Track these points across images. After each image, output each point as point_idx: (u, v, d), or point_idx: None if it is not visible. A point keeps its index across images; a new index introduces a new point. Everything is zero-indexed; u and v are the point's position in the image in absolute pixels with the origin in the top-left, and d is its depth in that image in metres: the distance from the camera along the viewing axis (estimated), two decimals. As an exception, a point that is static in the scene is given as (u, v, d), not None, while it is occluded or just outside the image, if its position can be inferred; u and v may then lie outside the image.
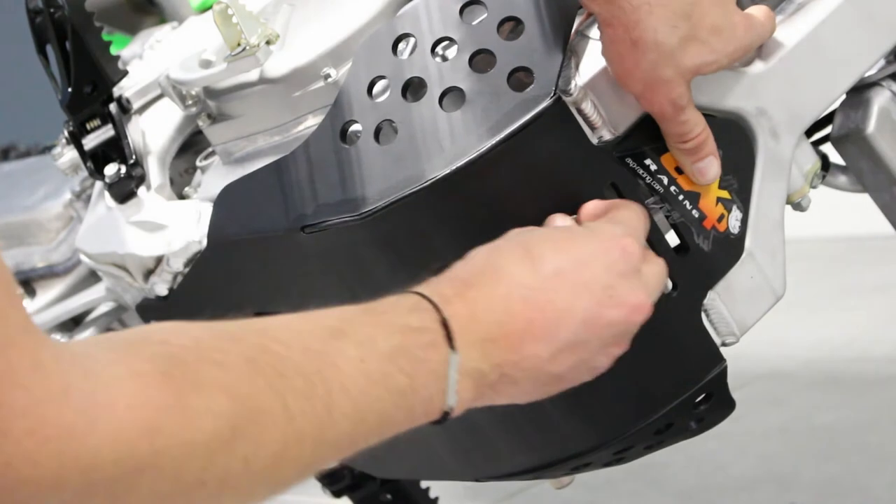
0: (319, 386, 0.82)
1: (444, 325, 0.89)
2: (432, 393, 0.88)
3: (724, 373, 1.11)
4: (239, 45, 1.15)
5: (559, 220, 1.02)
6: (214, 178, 1.27)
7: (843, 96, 1.21)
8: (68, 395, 0.71)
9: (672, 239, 1.09)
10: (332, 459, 0.84)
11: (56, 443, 0.70)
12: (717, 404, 1.13)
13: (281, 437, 0.79)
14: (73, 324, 1.56)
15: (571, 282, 0.94)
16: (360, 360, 0.84)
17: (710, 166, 1.07)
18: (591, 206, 1.03)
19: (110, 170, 1.32)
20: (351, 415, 0.83)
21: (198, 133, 1.34)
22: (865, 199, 1.26)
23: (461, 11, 1.07)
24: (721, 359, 1.11)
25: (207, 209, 1.22)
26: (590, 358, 0.96)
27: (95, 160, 1.33)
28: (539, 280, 0.94)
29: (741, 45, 1.05)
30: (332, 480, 1.78)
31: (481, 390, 0.92)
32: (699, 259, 1.09)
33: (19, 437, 0.69)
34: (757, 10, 1.08)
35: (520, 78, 1.04)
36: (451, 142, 1.03)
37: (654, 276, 1.01)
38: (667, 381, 1.10)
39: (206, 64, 1.24)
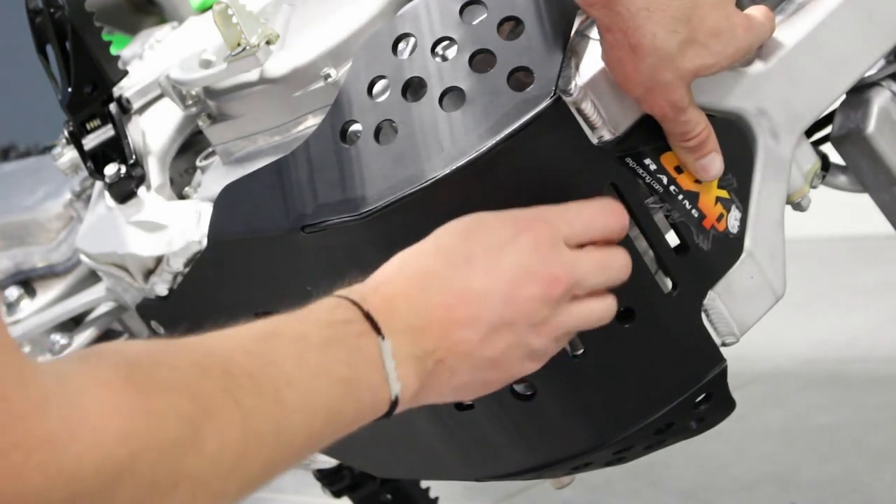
0: (266, 383, 0.84)
1: (368, 317, 0.91)
2: (375, 382, 0.90)
3: (724, 373, 1.11)
4: (239, 45, 1.15)
5: None
6: (214, 178, 1.27)
7: (843, 96, 1.21)
8: (48, 407, 0.72)
9: (672, 239, 1.09)
10: (294, 458, 0.86)
11: (40, 454, 0.71)
12: (718, 404, 1.13)
13: (241, 435, 0.81)
14: (74, 324, 1.56)
15: (483, 265, 0.96)
16: (299, 356, 0.87)
17: (713, 163, 1.08)
18: None
19: (110, 170, 1.32)
20: (302, 409, 0.85)
21: (198, 133, 1.34)
22: (865, 199, 1.26)
23: (461, 11, 1.07)
24: (721, 358, 1.11)
25: (207, 209, 1.22)
26: (521, 339, 0.97)
27: (95, 160, 1.33)
28: (452, 268, 0.96)
29: (741, 46, 1.05)
30: (332, 480, 1.78)
31: (422, 379, 0.93)
32: (699, 258, 1.09)
33: (6, 450, 0.70)
34: (756, 11, 1.08)
35: (520, 78, 1.04)
36: (450, 142, 1.03)
37: (586, 259, 1.01)
38: (667, 380, 1.10)
39: (206, 64, 1.24)
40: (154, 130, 1.35)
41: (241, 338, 0.87)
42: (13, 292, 1.58)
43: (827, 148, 1.23)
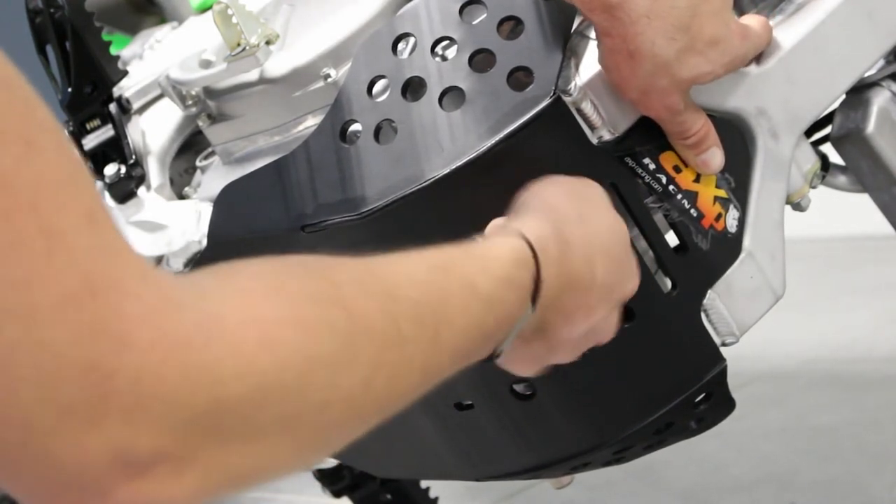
0: (428, 316, 0.80)
1: (538, 286, 0.90)
2: (500, 338, 0.88)
3: (723, 372, 1.11)
4: (239, 45, 1.15)
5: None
6: (214, 178, 1.27)
7: (843, 96, 1.21)
8: (180, 307, 0.66)
9: (671, 239, 1.09)
10: (418, 395, 0.81)
11: (179, 355, 0.65)
12: (717, 404, 1.13)
13: (396, 360, 0.77)
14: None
15: (605, 289, 0.97)
16: (464, 302, 0.84)
17: (713, 157, 1.08)
18: None
19: (110, 170, 1.32)
20: (451, 351, 0.83)
21: (198, 133, 1.34)
22: (865, 199, 1.26)
23: (461, 11, 1.07)
24: (721, 358, 1.11)
25: (207, 209, 1.22)
26: (592, 331, 0.97)
27: (95, 160, 1.33)
28: (599, 278, 0.96)
29: (737, 55, 1.05)
30: (332, 480, 1.77)
31: (519, 343, 0.92)
32: (698, 258, 1.09)
33: (144, 349, 0.64)
34: (753, 21, 1.09)
35: (519, 78, 1.04)
36: (450, 141, 1.03)
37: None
38: (667, 380, 1.10)
39: (206, 64, 1.24)
40: (154, 130, 1.36)
41: (410, 264, 0.83)
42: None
43: (827, 148, 1.23)
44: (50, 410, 0.62)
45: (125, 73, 1.34)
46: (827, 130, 1.23)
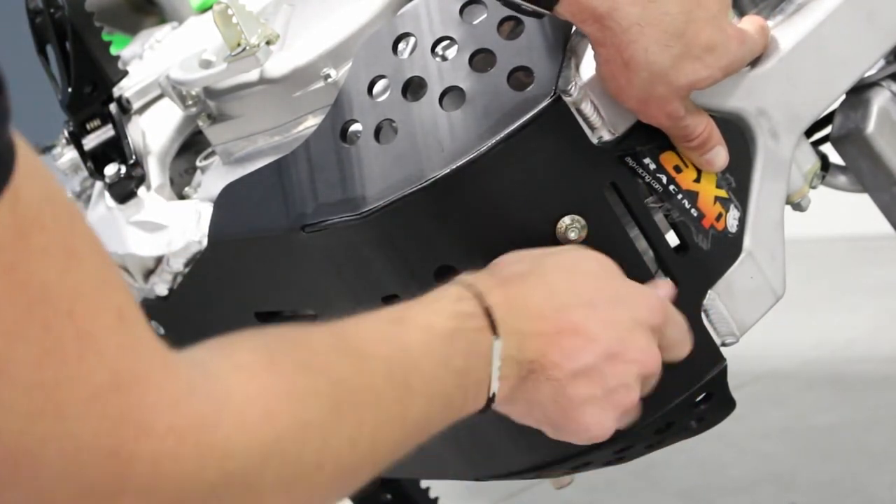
0: (396, 368, 0.85)
1: (488, 312, 0.92)
2: (482, 377, 0.92)
3: (724, 372, 1.11)
4: (239, 45, 1.15)
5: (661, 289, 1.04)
6: (214, 178, 1.27)
7: (843, 96, 1.21)
8: (195, 392, 0.73)
9: (672, 239, 1.09)
10: (411, 442, 0.87)
11: (193, 436, 0.71)
12: (718, 404, 1.13)
13: (373, 417, 0.82)
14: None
15: (603, 316, 0.96)
16: (426, 344, 0.88)
17: (717, 156, 1.08)
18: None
19: (110, 170, 1.32)
20: (425, 394, 0.87)
21: (198, 133, 1.34)
22: (865, 199, 1.26)
23: (461, 11, 1.07)
24: (721, 358, 1.11)
25: (207, 209, 1.22)
26: (602, 396, 0.96)
27: (95, 160, 1.33)
28: (575, 301, 0.96)
29: (735, 59, 1.05)
30: (333, 480, 1.77)
31: (514, 382, 0.94)
32: (699, 258, 1.09)
33: (162, 434, 0.70)
34: (750, 24, 1.09)
35: (519, 77, 1.04)
36: (450, 141, 1.03)
37: (675, 335, 1.03)
38: (667, 380, 1.10)
39: (206, 64, 1.24)
40: (154, 130, 1.35)
41: (373, 322, 0.88)
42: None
43: (827, 148, 1.23)
44: (71, 492, 0.69)
45: (125, 73, 1.34)
46: (827, 130, 1.23)
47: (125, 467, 0.69)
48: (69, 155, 1.44)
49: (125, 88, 1.36)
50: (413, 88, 1.07)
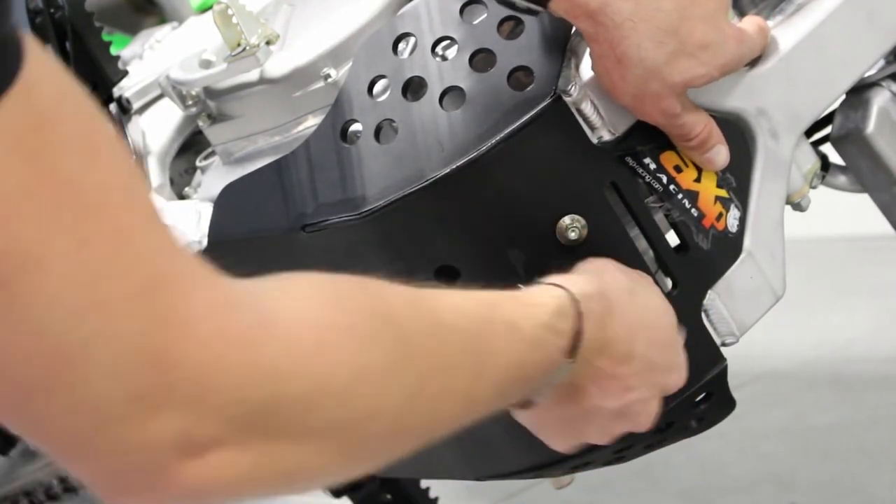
0: (473, 346, 0.83)
1: (577, 337, 0.91)
2: (538, 387, 0.91)
3: (724, 372, 1.11)
4: (239, 45, 1.15)
5: None
6: (214, 178, 1.27)
7: (843, 96, 1.21)
8: (238, 307, 0.69)
9: (672, 238, 1.09)
10: (459, 424, 0.84)
11: (238, 350, 0.67)
12: (718, 403, 1.13)
13: (438, 384, 0.79)
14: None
15: (648, 379, 0.98)
16: (508, 341, 0.86)
17: (718, 155, 1.08)
18: None
19: (110, 170, 1.32)
20: (492, 385, 0.85)
21: (198, 133, 1.34)
22: (865, 199, 1.26)
23: (461, 11, 1.07)
24: (721, 358, 1.11)
25: (207, 209, 1.22)
26: (599, 426, 0.99)
27: (95, 160, 1.33)
28: (639, 358, 0.97)
29: (732, 58, 1.05)
30: (333, 480, 1.77)
31: (554, 398, 0.95)
32: (699, 258, 1.09)
33: (207, 340, 0.67)
34: (749, 24, 1.09)
35: (519, 77, 1.04)
36: (450, 141, 1.03)
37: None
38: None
39: (206, 64, 1.24)
40: (154, 130, 1.35)
41: (460, 297, 0.85)
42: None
43: (827, 148, 1.23)
44: (120, 397, 0.65)
45: (125, 73, 1.34)
46: (827, 130, 1.23)
47: (171, 372, 0.66)
48: (69, 155, 1.43)
49: (125, 88, 1.36)
50: (413, 88, 1.07)
